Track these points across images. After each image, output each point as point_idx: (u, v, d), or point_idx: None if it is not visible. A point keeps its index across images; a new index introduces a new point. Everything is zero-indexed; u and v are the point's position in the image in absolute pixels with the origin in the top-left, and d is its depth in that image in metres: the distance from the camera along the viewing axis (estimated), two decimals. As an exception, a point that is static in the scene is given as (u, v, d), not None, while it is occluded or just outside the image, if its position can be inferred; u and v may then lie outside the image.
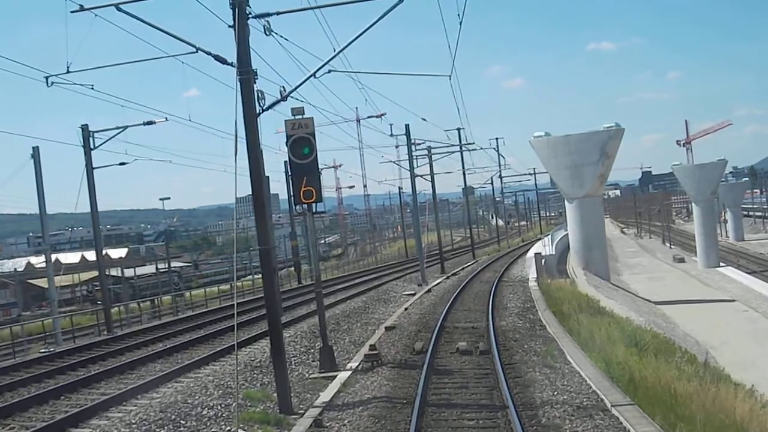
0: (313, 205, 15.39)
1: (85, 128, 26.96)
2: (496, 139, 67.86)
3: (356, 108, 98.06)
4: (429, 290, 31.02)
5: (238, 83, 12.57)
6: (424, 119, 34.81)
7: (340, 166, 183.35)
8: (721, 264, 63.05)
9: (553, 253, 36.65)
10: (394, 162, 43.77)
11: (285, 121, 15.00)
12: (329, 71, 15.32)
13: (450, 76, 21.27)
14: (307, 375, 15.07)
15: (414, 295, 29.91)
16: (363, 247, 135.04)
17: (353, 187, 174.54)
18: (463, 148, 39.85)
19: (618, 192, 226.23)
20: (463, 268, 43.94)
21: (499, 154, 65.19)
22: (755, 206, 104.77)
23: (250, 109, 12.76)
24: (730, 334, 29.45)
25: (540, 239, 65.04)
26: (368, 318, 23.60)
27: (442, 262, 43.16)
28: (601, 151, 40.50)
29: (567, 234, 58.85)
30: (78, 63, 16.50)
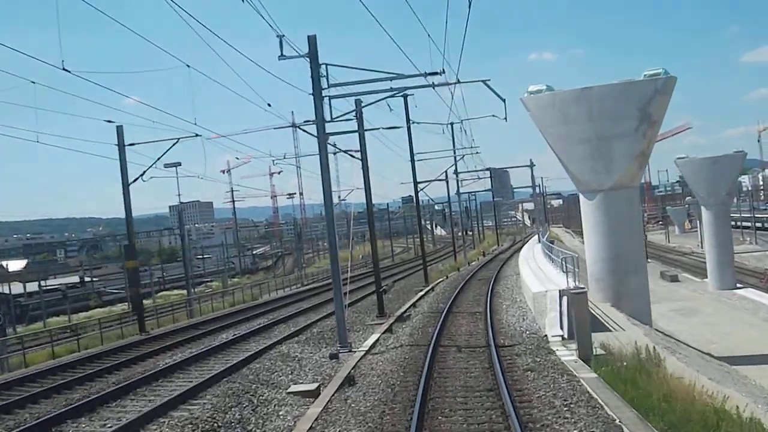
0: None
1: None
2: (451, 124, 50.41)
3: (292, 112, 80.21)
4: (351, 380, 13.24)
5: None
6: None
7: (279, 172, 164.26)
8: (738, 285, 47.44)
9: (583, 287, 19.27)
10: (296, 126, 24.92)
11: None
12: None
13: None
14: None
15: (315, 398, 12.20)
16: (296, 258, 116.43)
17: (293, 195, 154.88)
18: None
19: (561, 201, 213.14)
20: (414, 304, 26.00)
21: (453, 140, 47.88)
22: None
23: None
24: None
25: (520, 248, 48.07)
26: None
27: (380, 297, 24.17)
28: (641, 113, 23.77)
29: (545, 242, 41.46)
30: None
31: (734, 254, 66.80)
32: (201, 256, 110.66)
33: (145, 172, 24.45)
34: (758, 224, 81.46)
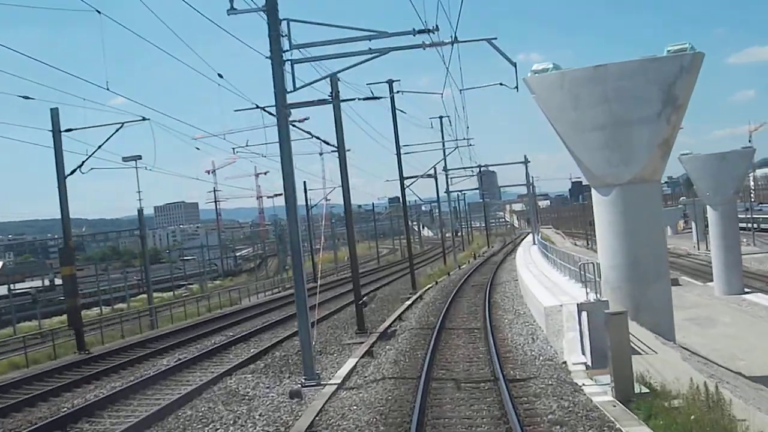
0: None
1: None
2: (440, 117, 46.90)
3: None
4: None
5: None
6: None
7: (266, 173, 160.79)
8: (746, 290, 44.14)
9: (604, 299, 15.68)
10: (261, 108, 20.58)
11: None
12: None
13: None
14: None
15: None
16: (282, 260, 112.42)
17: (275, 195, 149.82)
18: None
19: (548, 203, 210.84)
20: (400, 317, 22.30)
21: (442, 132, 44.27)
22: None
23: None
24: None
25: (515, 246, 44.94)
26: None
27: (359, 310, 19.81)
28: (665, 94, 20.22)
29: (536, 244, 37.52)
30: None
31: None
32: (183, 258, 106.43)
33: (84, 162, 20.73)
34: (754, 225, 78.51)
